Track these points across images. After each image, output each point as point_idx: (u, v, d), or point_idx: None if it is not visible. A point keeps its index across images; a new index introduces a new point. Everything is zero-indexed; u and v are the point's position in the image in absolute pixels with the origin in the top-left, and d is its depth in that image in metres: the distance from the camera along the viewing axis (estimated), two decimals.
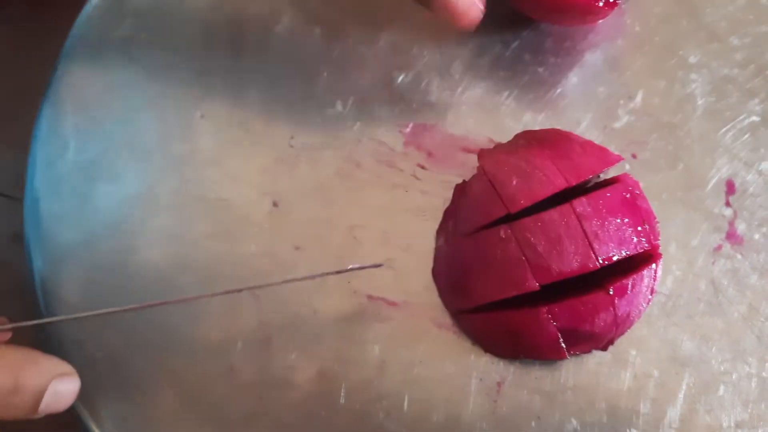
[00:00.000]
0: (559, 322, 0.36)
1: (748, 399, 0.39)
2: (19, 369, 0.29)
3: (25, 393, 0.28)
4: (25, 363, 0.29)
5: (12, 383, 0.28)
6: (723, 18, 0.46)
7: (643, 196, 0.38)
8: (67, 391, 0.30)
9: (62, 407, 0.31)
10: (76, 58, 0.46)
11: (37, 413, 0.29)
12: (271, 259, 0.42)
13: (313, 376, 0.40)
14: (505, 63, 0.46)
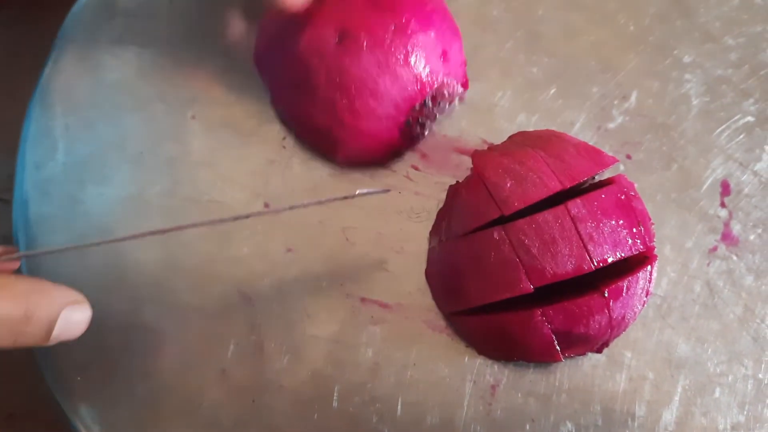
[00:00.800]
0: (553, 325, 0.36)
1: (744, 401, 0.39)
2: (30, 298, 0.29)
3: (36, 321, 0.29)
4: (35, 292, 0.29)
5: (23, 312, 0.28)
6: (717, 18, 0.46)
7: (638, 198, 0.38)
8: (78, 319, 0.31)
9: (74, 336, 0.31)
10: (65, 59, 0.45)
11: (49, 341, 0.30)
12: (263, 260, 0.41)
13: (305, 379, 0.39)
14: (499, 64, 0.45)
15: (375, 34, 0.38)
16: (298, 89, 0.39)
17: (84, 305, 0.31)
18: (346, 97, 0.38)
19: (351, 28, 0.38)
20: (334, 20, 0.38)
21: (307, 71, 0.39)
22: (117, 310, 0.41)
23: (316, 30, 0.38)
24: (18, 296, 0.28)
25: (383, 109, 0.39)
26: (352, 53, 0.38)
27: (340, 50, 0.38)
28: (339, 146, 0.41)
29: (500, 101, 0.45)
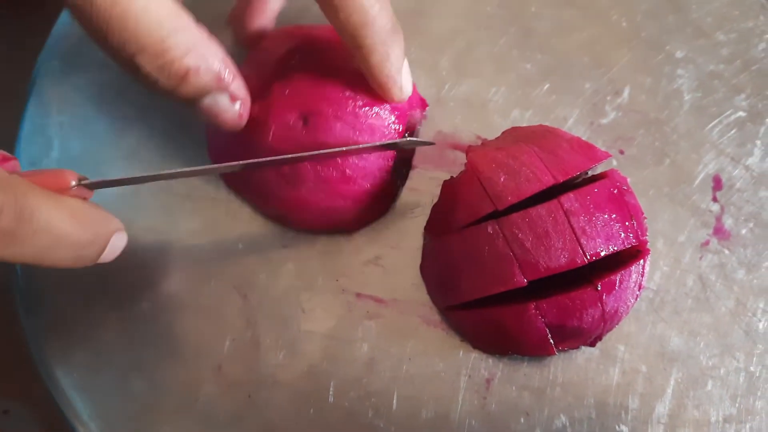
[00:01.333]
0: (547, 318, 0.36)
1: (736, 393, 0.40)
2: (96, 226, 0.31)
3: (95, 246, 0.31)
4: (100, 220, 0.32)
5: (90, 239, 0.31)
6: (709, 14, 0.47)
7: (630, 192, 0.38)
8: (119, 245, 0.33)
9: (110, 259, 0.33)
10: (59, 57, 0.45)
11: (95, 262, 0.32)
12: (258, 256, 0.41)
13: (301, 374, 0.40)
14: (493, 60, 0.46)
15: (335, 101, 0.38)
16: (285, 181, 0.39)
17: (124, 233, 0.33)
18: (335, 169, 0.38)
19: (312, 107, 0.37)
20: (292, 107, 0.37)
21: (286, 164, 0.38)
22: (113, 306, 0.41)
23: (281, 122, 0.38)
24: (88, 224, 0.31)
25: (372, 164, 0.39)
26: (324, 128, 0.37)
27: (311, 130, 0.37)
28: (347, 216, 0.40)
29: (494, 97, 0.45)
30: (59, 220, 0.29)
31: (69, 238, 0.29)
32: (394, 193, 0.42)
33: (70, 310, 0.41)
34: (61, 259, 0.30)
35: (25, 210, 0.27)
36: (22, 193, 0.28)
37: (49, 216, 0.28)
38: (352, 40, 0.35)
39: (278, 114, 0.37)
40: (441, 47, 0.46)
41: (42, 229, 0.28)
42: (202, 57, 0.32)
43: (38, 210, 0.28)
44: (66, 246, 0.30)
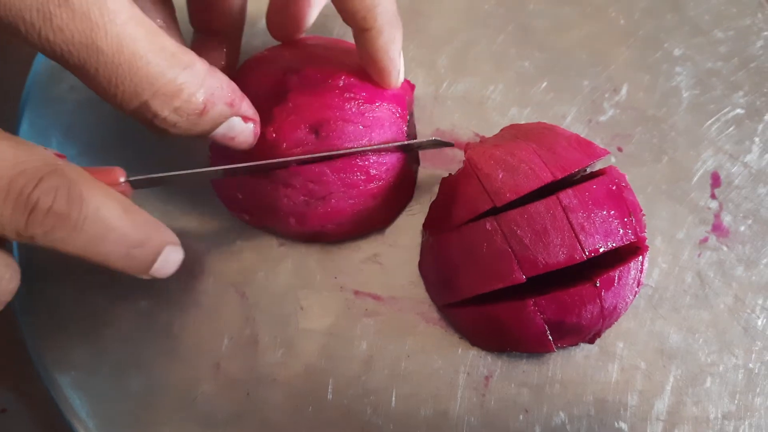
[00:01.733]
0: (546, 315, 0.36)
1: (735, 390, 0.40)
2: (147, 227, 0.31)
3: (147, 250, 0.31)
4: (152, 224, 0.32)
5: (141, 239, 0.31)
6: (706, 11, 0.47)
7: (629, 189, 0.38)
8: (174, 260, 0.33)
9: (166, 274, 0.33)
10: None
11: (148, 274, 0.32)
12: (256, 254, 0.41)
13: (300, 372, 0.40)
14: (491, 58, 0.46)
15: (338, 106, 0.38)
16: (314, 198, 0.38)
17: (179, 248, 0.33)
18: (359, 171, 0.38)
19: (318, 117, 0.37)
20: (299, 123, 0.37)
21: (312, 181, 0.38)
22: (111, 304, 0.41)
23: (293, 139, 0.37)
24: (139, 222, 0.31)
25: (391, 157, 0.39)
26: (336, 134, 0.37)
27: (324, 139, 0.37)
28: (379, 214, 0.41)
29: (492, 95, 0.45)
30: (110, 210, 0.29)
31: (119, 231, 0.29)
32: (414, 178, 0.43)
33: (68, 308, 0.41)
34: (111, 254, 0.30)
35: (76, 195, 0.28)
36: (74, 179, 0.28)
37: (99, 204, 0.29)
38: (362, 22, 0.35)
39: (288, 133, 0.37)
40: (439, 45, 0.46)
41: (93, 217, 0.28)
42: (212, 87, 0.31)
43: (90, 197, 0.28)
44: (115, 240, 0.29)
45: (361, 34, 0.36)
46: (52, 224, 0.27)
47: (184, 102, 0.30)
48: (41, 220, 0.27)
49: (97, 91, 0.29)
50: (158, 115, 0.30)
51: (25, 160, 0.27)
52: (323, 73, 0.38)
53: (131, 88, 0.29)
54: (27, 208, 0.27)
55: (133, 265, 0.31)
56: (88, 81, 0.29)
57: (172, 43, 0.29)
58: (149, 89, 0.29)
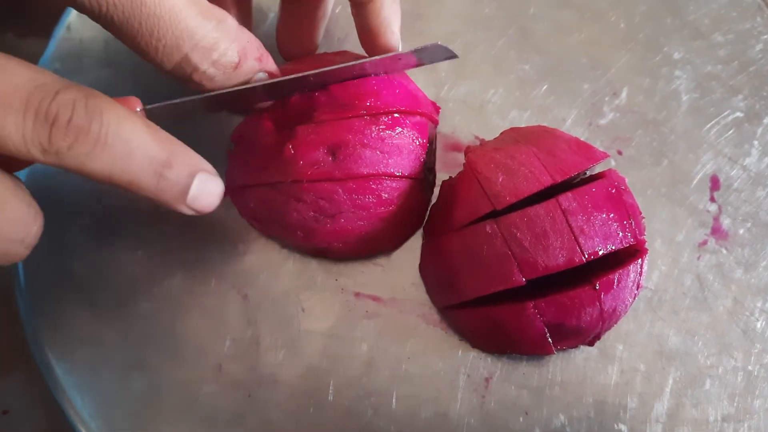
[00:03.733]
0: (545, 317, 0.36)
1: (734, 392, 0.40)
2: (173, 146, 0.30)
3: (177, 170, 0.30)
4: (177, 144, 0.30)
5: (165, 156, 0.29)
6: (706, 15, 0.47)
7: (628, 192, 0.38)
8: (212, 189, 0.31)
9: (208, 206, 0.31)
10: (60, 60, 0.46)
11: (185, 203, 0.30)
12: (258, 256, 0.42)
13: (301, 373, 0.40)
14: (491, 61, 0.46)
15: (359, 130, 0.38)
16: (324, 215, 0.38)
17: (217, 178, 0.32)
18: (371, 194, 0.38)
19: (339, 141, 0.37)
20: (319, 144, 0.37)
21: (323, 198, 0.38)
22: (113, 305, 0.41)
23: (309, 159, 0.37)
24: (164, 140, 0.29)
25: (404, 183, 0.39)
26: (353, 158, 0.37)
27: (340, 162, 0.37)
28: (387, 236, 0.41)
29: (492, 98, 0.45)
30: (132, 126, 0.28)
31: (143, 148, 0.28)
32: (427, 204, 0.42)
33: (71, 309, 0.41)
34: (141, 174, 0.29)
35: (95, 107, 0.27)
36: (93, 95, 0.28)
37: (120, 118, 0.28)
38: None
39: (306, 153, 0.37)
40: None
41: (115, 131, 0.27)
42: (243, 42, 0.33)
43: (109, 112, 0.28)
44: (141, 157, 0.28)
45: (363, 8, 0.36)
46: (75, 137, 0.27)
47: (221, 55, 0.32)
48: (63, 133, 0.27)
49: (140, 49, 0.31)
50: (198, 69, 0.32)
51: (41, 77, 0.27)
52: (350, 94, 0.38)
53: (173, 41, 0.31)
54: (48, 120, 0.26)
55: (166, 189, 0.30)
56: (132, 38, 0.31)
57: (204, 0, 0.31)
58: (189, 42, 0.31)
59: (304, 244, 0.40)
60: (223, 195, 0.32)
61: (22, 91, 0.26)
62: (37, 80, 0.27)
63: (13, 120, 0.26)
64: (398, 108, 0.38)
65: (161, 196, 0.30)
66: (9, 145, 0.26)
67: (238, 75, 0.34)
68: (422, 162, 0.40)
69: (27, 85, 0.26)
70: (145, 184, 0.29)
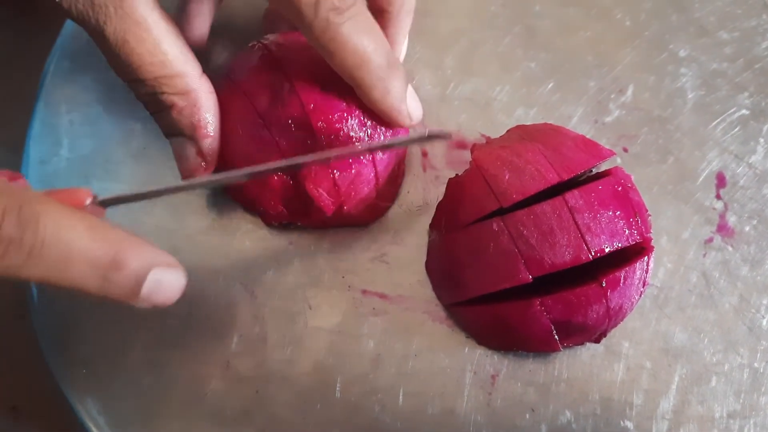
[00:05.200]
0: (552, 315, 0.36)
1: (740, 389, 0.40)
2: (120, 245, 0.28)
3: (125, 271, 0.28)
4: (126, 242, 0.28)
5: (111, 257, 0.28)
6: (712, 13, 0.47)
7: (634, 189, 0.38)
8: (170, 282, 0.30)
9: (166, 299, 0.30)
10: (69, 56, 0.46)
11: (140, 299, 0.29)
12: (265, 253, 0.42)
13: (308, 370, 0.40)
14: (497, 59, 0.46)
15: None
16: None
17: (176, 269, 0.30)
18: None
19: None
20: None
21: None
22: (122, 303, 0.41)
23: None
24: (108, 240, 0.28)
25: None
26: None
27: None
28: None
29: (498, 96, 0.45)
30: (71, 230, 0.27)
31: (85, 253, 0.27)
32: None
33: (79, 307, 0.41)
34: (82, 278, 0.27)
35: (30, 217, 0.26)
36: (27, 200, 0.26)
37: (58, 225, 0.26)
38: (351, 80, 0.36)
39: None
40: (446, 46, 0.46)
41: (51, 241, 0.26)
42: (192, 102, 0.36)
43: (45, 217, 0.26)
44: (83, 262, 0.27)
45: (354, 89, 0.37)
46: (5, 248, 0.25)
47: (158, 95, 0.36)
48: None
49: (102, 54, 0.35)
50: (134, 92, 0.36)
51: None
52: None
53: (121, 71, 0.36)
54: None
55: (114, 291, 0.28)
56: (97, 45, 0.35)
57: (176, 51, 0.35)
58: (134, 77, 0.35)
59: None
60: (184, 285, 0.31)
61: None
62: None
63: None
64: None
65: (109, 295, 0.28)
66: None
67: (164, 118, 0.37)
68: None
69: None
70: (88, 287, 0.28)
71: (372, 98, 0.37)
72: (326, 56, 0.35)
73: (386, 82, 0.36)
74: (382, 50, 0.35)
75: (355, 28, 0.34)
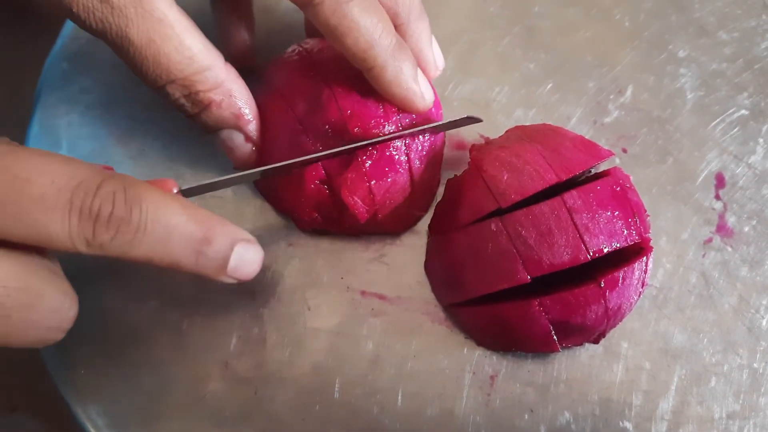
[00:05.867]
0: (550, 315, 0.36)
1: (739, 390, 0.40)
2: (210, 222, 0.31)
3: (215, 246, 0.31)
4: (214, 220, 0.31)
5: (203, 234, 0.30)
6: (711, 13, 0.47)
7: (633, 190, 0.38)
8: (252, 258, 0.33)
9: (248, 274, 0.33)
10: (68, 58, 0.46)
11: (226, 274, 0.32)
12: (264, 254, 0.41)
13: (307, 371, 0.40)
14: (496, 59, 0.46)
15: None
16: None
17: (257, 246, 0.33)
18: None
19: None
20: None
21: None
22: (120, 304, 0.41)
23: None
24: (200, 219, 0.30)
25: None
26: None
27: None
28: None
29: (497, 96, 0.45)
30: (169, 209, 0.29)
31: (181, 230, 0.30)
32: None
33: (78, 306, 0.41)
34: (181, 254, 0.30)
35: (134, 197, 0.28)
36: (130, 183, 0.29)
37: (158, 204, 0.29)
38: (363, 63, 0.36)
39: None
40: (445, 47, 0.46)
41: (153, 219, 0.29)
42: (226, 93, 0.36)
43: (147, 199, 0.29)
44: (180, 239, 0.30)
45: (367, 74, 0.37)
46: (116, 228, 0.28)
47: (193, 93, 0.36)
48: (106, 226, 0.28)
49: (127, 65, 0.35)
50: (170, 97, 0.36)
51: (80, 173, 0.28)
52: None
53: (153, 76, 0.35)
54: (92, 217, 0.27)
55: (207, 265, 0.31)
56: (121, 57, 0.34)
57: (199, 45, 0.35)
58: (166, 79, 0.35)
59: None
60: (262, 261, 0.34)
61: (65, 191, 0.27)
62: (77, 177, 0.28)
63: (59, 220, 0.27)
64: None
65: (202, 270, 0.31)
66: (56, 243, 0.28)
67: (206, 116, 0.37)
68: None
69: (68, 184, 0.27)
70: (185, 262, 0.30)
71: (386, 79, 0.37)
72: (338, 38, 0.35)
73: (399, 62, 0.37)
74: (391, 30, 0.36)
75: (364, 7, 0.35)
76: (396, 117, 0.39)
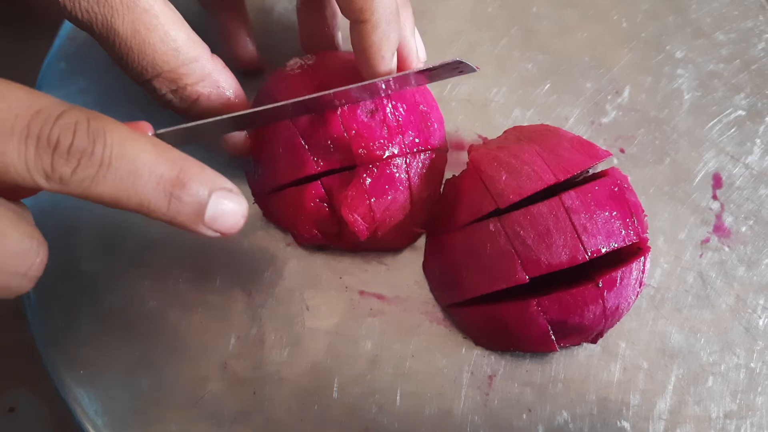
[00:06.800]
0: (548, 315, 0.36)
1: (736, 389, 0.40)
2: (183, 164, 0.28)
3: (189, 189, 0.28)
4: (188, 162, 0.29)
5: (176, 174, 0.28)
6: (709, 14, 0.47)
7: (631, 190, 0.38)
8: (233, 209, 0.30)
9: (230, 227, 0.30)
10: (65, 59, 0.46)
11: (204, 223, 0.29)
12: (263, 254, 0.42)
13: (306, 371, 0.40)
14: (494, 60, 0.46)
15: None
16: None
17: (240, 196, 0.30)
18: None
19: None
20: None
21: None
22: (119, 304, 0.41)
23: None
24: (172, 159, 0.28)
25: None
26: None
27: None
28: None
29: (495, 97, 0.45)
30: (137, 144, 0.27)
31: (150, 167, 0.27)
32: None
33: (77, 307, 0.41)
34: (151, 195, 0.27)
35: (98, 129, 0.26)
36: (95, 116, 0.27)
37: (124, 139, 0.27)
38: (358, 13, 0.35)
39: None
40: (443, 48, 0.46)
41: (118, 154, 0.26)
42: (214, 85, 0.36)
43: (111, 132, 0.27)
44: (149, 178, 0.27)
45: (356, 26, 0.36)
46: (77, 161, 0.26)
47: (180, 87, 0.35)
48: (66, 158, 0.26)
49: (113, 60, 0.34)
50: (157, 92, 0.35)
51: (41, 102, 0.26)
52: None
53: (138, 69, 0.34)
54: (50, 145, 0.26)
55: (181, 210, 0.28)
56: (108, 50, 0.34)
57: (184, 37, 0.34)
58: (152, 72, 0.34)
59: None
60: (246, 214, 0.31)
61: (23, 117, 0.25)
62: (37, 105, 0.26)
63: (15, 147, 0.25)
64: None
65: (175, 218, 0.28)
66: (12, 174, 0.26)
67: (196, 109, 0.37)
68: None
69: (27, 111, 0.26)
70: (154, 205, 0.28)
71: (372, 39, 0.36)
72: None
73: (390, 27, 0.36)
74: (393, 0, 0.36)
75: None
76: (399, 138, 0.39)
